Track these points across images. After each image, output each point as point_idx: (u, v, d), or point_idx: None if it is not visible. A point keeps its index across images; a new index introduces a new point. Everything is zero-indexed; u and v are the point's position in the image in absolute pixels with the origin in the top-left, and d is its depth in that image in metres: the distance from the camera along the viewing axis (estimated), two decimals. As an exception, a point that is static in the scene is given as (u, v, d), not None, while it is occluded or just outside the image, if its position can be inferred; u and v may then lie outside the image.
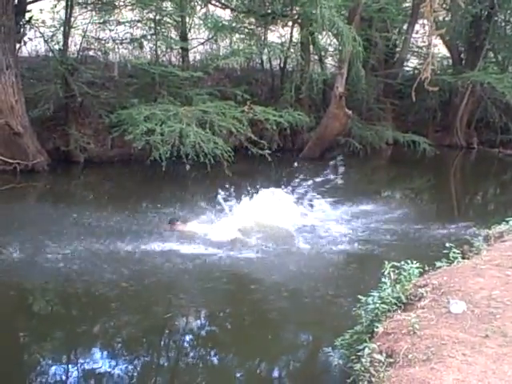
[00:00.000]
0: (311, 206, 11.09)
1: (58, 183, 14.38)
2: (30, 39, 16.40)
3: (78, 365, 5.73)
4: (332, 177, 11.74)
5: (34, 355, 5.94)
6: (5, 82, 13.90)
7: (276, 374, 5.74)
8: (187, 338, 6.47)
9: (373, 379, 3.70)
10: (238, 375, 5.71)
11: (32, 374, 5.55)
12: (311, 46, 18.52)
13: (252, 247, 8.97)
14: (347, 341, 4.93)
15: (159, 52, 17.65)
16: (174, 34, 17.82)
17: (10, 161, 14.29)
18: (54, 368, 5.64)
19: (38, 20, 15.98)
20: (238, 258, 8.54)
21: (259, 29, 18.76)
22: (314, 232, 9.93)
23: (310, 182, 10.98)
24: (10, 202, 12.33)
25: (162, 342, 6.36)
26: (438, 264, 5.48)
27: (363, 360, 3.95)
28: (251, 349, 6.15)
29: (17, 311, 7.18)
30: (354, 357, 4.49)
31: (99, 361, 5.73)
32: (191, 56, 18.65)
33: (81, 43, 16.90)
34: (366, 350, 3.98)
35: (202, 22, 18.46)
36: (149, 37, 17.19)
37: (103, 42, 17.15)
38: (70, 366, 5.69)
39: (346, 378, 4.53)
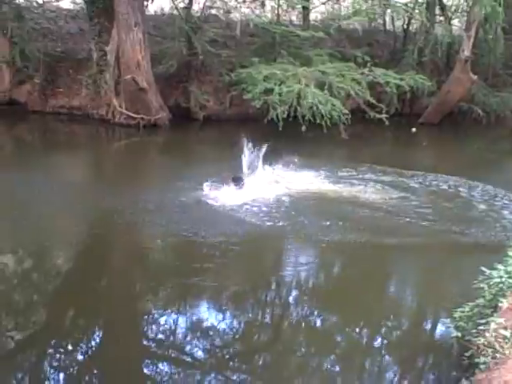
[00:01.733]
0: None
1: (177, 138, 14.84)
2: (157, -3, 16.85)
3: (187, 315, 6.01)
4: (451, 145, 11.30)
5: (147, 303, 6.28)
6: (132, 39, 14.44)
7: (391, 340, 5.70)
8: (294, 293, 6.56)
9: (497, 355, 3.61)
10: (342, 341, 5.68)
11: (143, 321, 5.89)
12: (437, 7, 17.72)
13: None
14: (467, 314, 4.81)
15: (280, 11, 17.56)
16: (295, -8, 17.67)
17: (135, 115, 14.95)
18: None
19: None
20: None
21: (383, -12, 18.15)
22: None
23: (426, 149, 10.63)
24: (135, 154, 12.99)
25: (270, 299, 6.46)
26: None
27: (487, 335, 3.86)
28: (365, 312, 6.13)
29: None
30: (474, 330, 4.39)
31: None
32: (312, 16, 18.44)
33: (204, 2, 17.12)
34: (492, 325, 3.88)
35: (324, -20, 18.12)
36: (271, -5, 17.15)
37: (226, 0, 17.27)
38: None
39: (464, 351, 4.45)
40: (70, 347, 5.24)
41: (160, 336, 5.52)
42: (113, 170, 12.55)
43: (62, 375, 4.88)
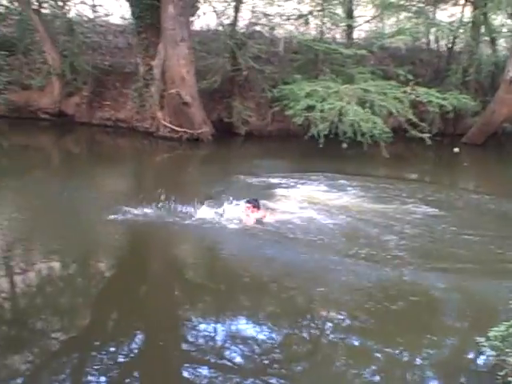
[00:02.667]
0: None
1: (219, 153, 15.05)
2: (203, 13, 17.17)
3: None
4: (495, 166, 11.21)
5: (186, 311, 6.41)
6: (178, 54, 14.79)
7: (424, 357, 5.70)
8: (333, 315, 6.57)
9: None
10: (382, 356, 5.69)
11: (183, 327, 6.03)
12: (483, 27, 17.62)
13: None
14: (502, 333, 4.81)
15: (324, 29, 17.72)
16: (340, 10, 17.83)
17: (178, 129, 15.26)
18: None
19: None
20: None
21: (428, 7, 18.15)
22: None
23: (470, 169, 10.58)
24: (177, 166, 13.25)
25: (308, 318, 6.47)
26: None
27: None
28: (403, 329, 6.14)
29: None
30: (508, 350, 4.39)
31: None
32: (356, 34, 18.54)
33: (249, 19, 17.41)
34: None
35: (370, -1, 18.19)
36: (315, 13, 17.27)
37: (271, 17, 17.50)
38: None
39: (498, 370, 4.45)
40: (112, 349, 5.43)
41: (199, 341, 5.65)
42: (155, 181, 12.81)
43: (103, 377, 5.04)
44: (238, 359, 5.37)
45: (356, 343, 5.87)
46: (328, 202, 10.06)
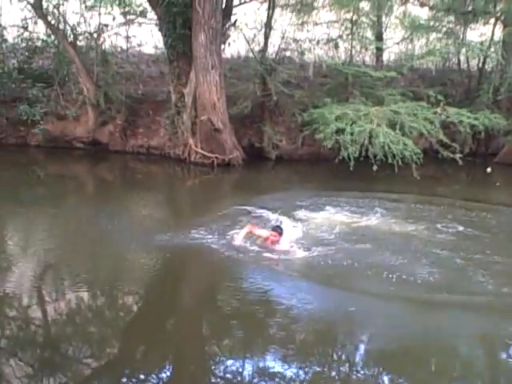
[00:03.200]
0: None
1: (250, 177, 15.19)
2: (234, 41, 17.46)
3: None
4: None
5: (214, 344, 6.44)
6: (210, 81, 15.04)
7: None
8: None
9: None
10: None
11: (211, 360, 6.07)
12: (513, 45, 17.46)
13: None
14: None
15: (353, 52, 17.79)
16: (369, 33, 17.92)
17: (209, 155, 15.47)
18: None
19: (241, 23, 17.00)
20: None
21: (458, 27, 18.09)
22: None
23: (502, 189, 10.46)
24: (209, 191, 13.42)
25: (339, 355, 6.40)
26: None
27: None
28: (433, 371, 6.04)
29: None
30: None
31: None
32: (385, 56, 18.59)
33: (279, 44, 17.63)
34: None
35: (398, 21, 18.24)
36: (344, 37, 17.43)
37: (300, 42, 17.69)
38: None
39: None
40: (142, 377, 5.50)
41: (227, 376, 5.63)
42: (188, 206, 13.00)
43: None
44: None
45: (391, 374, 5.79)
46: (356, 225, 10.07)
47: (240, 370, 5.78)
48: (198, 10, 14.53)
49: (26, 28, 18.00)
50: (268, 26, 16.87)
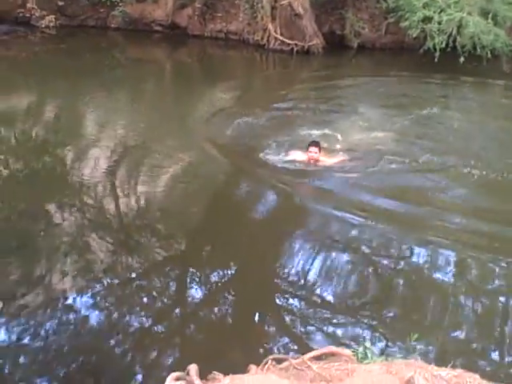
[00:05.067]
0: None
1: (329, 66, 14.77)
2: None
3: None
4: None
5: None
6: (291, -37, 14.40)
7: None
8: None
9: None
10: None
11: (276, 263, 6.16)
12: None
13: None
14: None
15: None
16: None
17: (289, 41, 15.08)
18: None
19: None
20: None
21: None
22: None
23: None
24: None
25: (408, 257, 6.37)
26: None
27: None
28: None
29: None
30: None
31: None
32: None
33: None
34: None
35: None
36: None
37: None
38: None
39: None
40: (207, 272, 5.59)
41: (292, 278, 5.55)
42: (265, 95, 12.81)
43: (200, 290, 5.35)
44: (330, 297, 5.27)
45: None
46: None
47: (303, 272, 5.65)
48: None
49: None
50: None
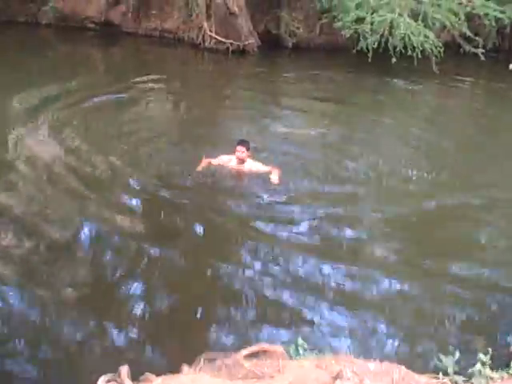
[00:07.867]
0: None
1: (264, 65, 14.79)
2: None
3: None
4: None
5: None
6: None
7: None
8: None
9: None
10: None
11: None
12: None
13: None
14: None
15: None
16: None
17: (224, 40, 15.02)
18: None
19: None
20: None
21: None
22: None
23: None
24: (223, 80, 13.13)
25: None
26: None
27: None
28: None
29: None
30: None
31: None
32: None
33: None
34: None
35: None
36: None
37: None
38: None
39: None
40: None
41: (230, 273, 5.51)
42: (201, 95, 12.68)
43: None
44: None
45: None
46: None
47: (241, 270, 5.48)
48: None
49: None
50: None
